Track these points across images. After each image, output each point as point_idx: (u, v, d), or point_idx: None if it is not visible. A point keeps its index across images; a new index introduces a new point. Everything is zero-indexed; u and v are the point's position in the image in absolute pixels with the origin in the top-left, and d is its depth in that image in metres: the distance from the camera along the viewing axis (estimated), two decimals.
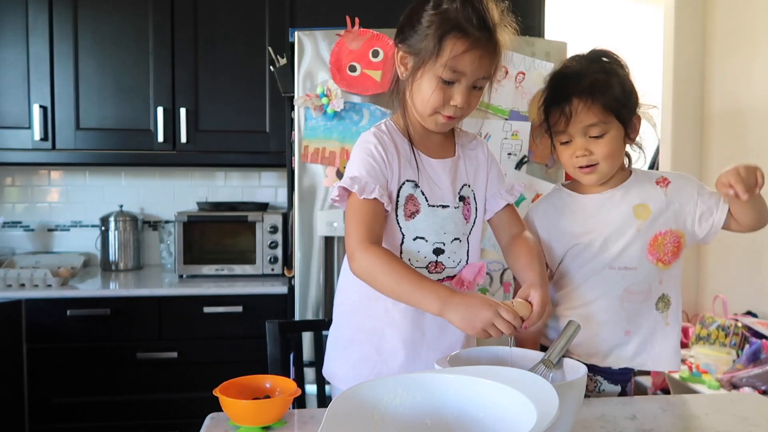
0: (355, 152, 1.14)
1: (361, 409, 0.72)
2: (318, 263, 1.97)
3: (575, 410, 0.87)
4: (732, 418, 1.05)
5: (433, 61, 1.04)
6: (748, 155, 2.70)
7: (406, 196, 1.12)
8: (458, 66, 1.03)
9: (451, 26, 1.02)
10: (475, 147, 1.22)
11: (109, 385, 2.23)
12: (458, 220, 1.16)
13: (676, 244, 1.18)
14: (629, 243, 1.18)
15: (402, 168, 1.12)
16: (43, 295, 2.19)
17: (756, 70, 2.65)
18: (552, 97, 1.19)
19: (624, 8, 4.40)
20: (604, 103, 1.13)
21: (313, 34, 1.96)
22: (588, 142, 1.16)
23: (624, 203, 1.20)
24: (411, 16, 1.08)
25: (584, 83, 1.14)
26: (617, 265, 1.18)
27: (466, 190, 1.18)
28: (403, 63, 1.10)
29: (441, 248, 1.14)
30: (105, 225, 2.62)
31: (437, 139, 1.18)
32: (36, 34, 2.37)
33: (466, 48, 1.02)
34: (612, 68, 1.18)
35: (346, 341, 1.21)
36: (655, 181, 1.21)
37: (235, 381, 1.03)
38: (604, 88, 1.13)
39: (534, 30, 2.48)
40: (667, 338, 1.21)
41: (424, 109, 1.09)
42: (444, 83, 1.05)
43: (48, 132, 2.39)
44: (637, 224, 1.19)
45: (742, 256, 2.73)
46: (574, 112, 1.14)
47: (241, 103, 2.48)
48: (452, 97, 1.06)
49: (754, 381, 2.22)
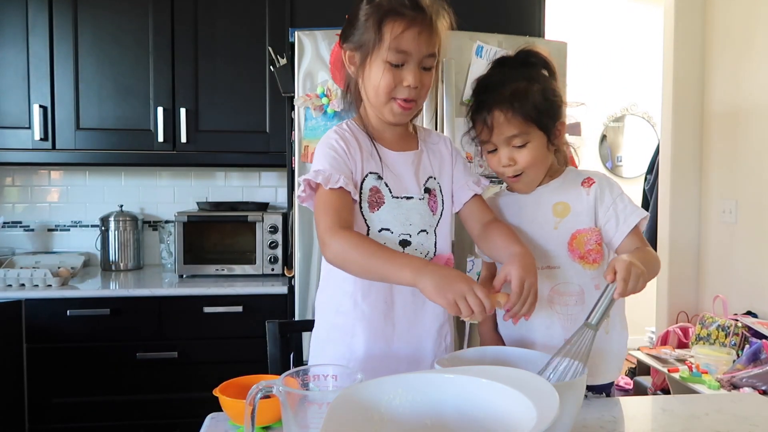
0: (317, 150, 1.15)
1: (361, 409, 0.72)
2: (318, 263, 1.97)
3: (575, 410, 0.87)
4: (732, 418, 1.05)
5: (377, 49, 1.07)
6: (747, 155, 2.71)
7: (369, 188, 1.13)
8: (401, 45, 1.06)
9: (386, 11, 1.07)
10: (437, 142, 1.24)
11: (109, 385, 2.23)
12: (424, 211, 1.16)
13: (598, 242, 1.17)
14: (547, 241, 1.18)
15: (365, 161, 1.13)
16: (43, 295, 2.19)
17: (756, 70, 2.65)
18: (475, 107, 1.20)
19: (624, 8, 4.40)
20: (524, 113, 1.13)
21: (313, 34, 1.96)
22: (511, 151, 1.16)
23: (546, 202, 1.21)
24: (350, 18, 1.14)
25: (504, 93, 1.14)
26: (541, 264, 1.17)
27: (432, 182, 1.19)
28: (352, 62, 1.14)
29: (407, 240, 1.14)
30: (105, 225, 2.62)
31: (398, 132, 1.19)
32: (36, 34, 2.37)
33: (404, 27, 1.06)
34: (536, 74, 1.18)
35: (323, 341, 1.21)
36: (581, 182, 1.21)
37: (235, 381, 1.03)
38: (523, 98, 1.13)
39: (534, 30, 2.48)
40: (606, 347, 1.18)
41: (377, 98, 1.11)
42: (392, 66, 1.07)
43: (48, 132, 2.39)
44: (554, 221, 1.19)
45: (742, 256, 2.73)
46: (496, 124, 1.15)
47: (241, 103, 2.48)
48: (404, 79, 1.08)
49: (754, 381, 2.22)
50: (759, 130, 2.63)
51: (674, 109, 3.00)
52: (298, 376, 0.86)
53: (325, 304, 1.20)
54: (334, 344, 1.18)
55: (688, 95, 2.99)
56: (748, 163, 2.68)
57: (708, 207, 2.95)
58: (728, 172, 2.81)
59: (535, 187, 1.22)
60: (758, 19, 2.63)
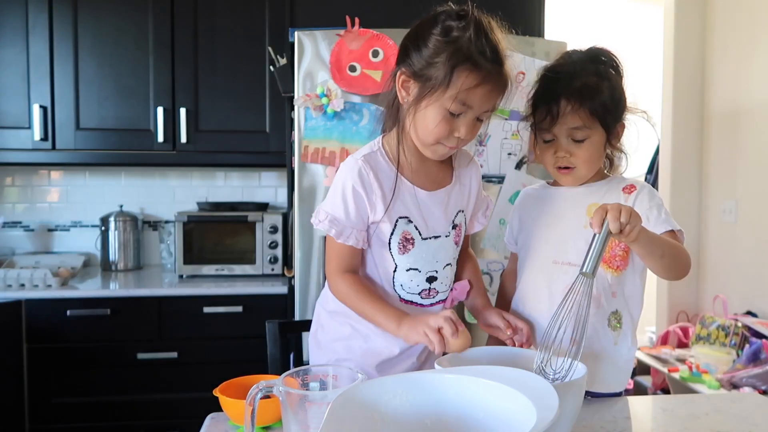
0: (338, 182, 1.11)
1: (361, 409, 0.72)
2: (318, 263, 1.97)
3: (575, 410, 0.87)
4: (732, 418, 1.05)
5: (441, 92, 0.99)
6: (747, 155, 2.71)
7: (400, 232, 1.11)
8: (468, 99, 1.00)
9: (463, 58, 0.97)
10: (470, 168, 1.20)
11: (109, 385, 2.23)
12: (449, 247, 1.16)
13: (626, 250, 1.15)
14: (573, 237, 1.16)
15: (392, 204, 1.09)
16: (43, 295, 2.19)
17: (756, 70, 2.65)
18: (541, 94, 1.17)
19: (624, 8, 4.39)
20: (592, 108, 1.11)
21: (313, 34, 1.96)
22: (570, 144, 1.15)
23: (583, 201, 1.19)
24: (417, 39, 1.03)
25: (575, 85, 1.12)
26: (561, 260, 1.16)
27: (460, 216, 1.17)
28: (405, 87, 1.05)
29: (434, 276, 1.15)
30: (105, 225, 2.62)
31: (434, 167, 1.14)
32: (36, 34, 2.37)
33: (477, 82, 0.99)
34: (606, 72, 1.16)
35: (332, 341, 1.22)
36: (623, 188, 1.19)
37: (235, 381, 1.03)
38: (593, 92, 1.12)
39: (534, 30, 2.47)
40: (614, 358, 1.16)
41: (426, 138, 1.05)
42: (450, 115, 1.02)
43: (48, 132, 2.39)
44: (585, 220, 1.16)
45: (742, 256, 2.73)
46: (561, 113, 1.12)
47: (241, 103, 2.48)
48: (457, 129, 1.03)
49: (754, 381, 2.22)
50: (759, 130, 2.63)
51: (674, 109, 3.00)
52: (298, 376, 0.86)
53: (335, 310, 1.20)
54: (346, 345, 1.18)
55: (688, 95, 2.99)
56: (748, 163, 2.68)
57: (708, 207, 2.95)
58: (728, 172, 2.81)
59: (581, 183, 1.20)
60: (758, 19, 2.63)
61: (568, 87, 1.12)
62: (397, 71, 1.06)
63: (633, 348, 1.19)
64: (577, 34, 3.56)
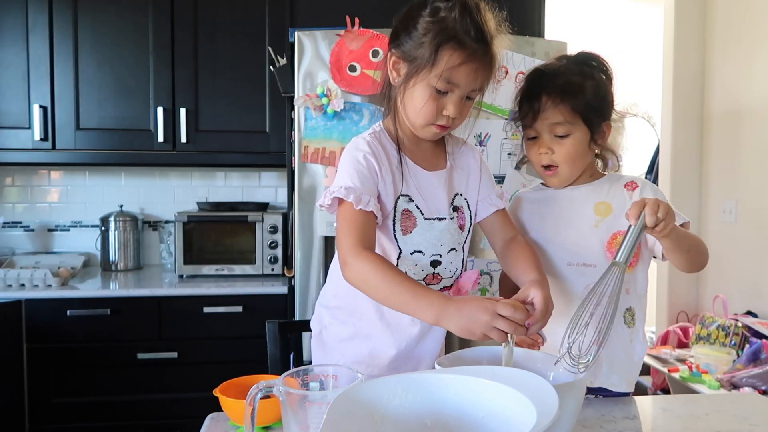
0: (347, 158, 1.10)
1: (361, 409, 0.72)
2: (318, 263, 1.97)
3: (575, 410, 0.87)
4: (732, 418, 1.05)
5: (427, 71, 1.01)
6: (747, 155, 2.71)
7: (401, 210, 1.11)
8: (453, 77, 1.02)
9: (448, 36, 1.00)
10: (466, 154, 1.21)
11: (109, 385, 2.23)
12: (454, 231, 1.15)
13: (637, 246, 1.16)
14: (587, 238, 1.17)
15: (396, 182, 1.10)
16: (43, 296, 2.19)
17: (756, 70, 2.65)
18: (524, 92, 1.19)
19: (624, 8, 4.39)
20: (573, 104, 1.13)
21: (313, 34, 1.96)
22: (552, 140, 1.15)
23: (588, 200, 1.20)
24: (407, 21, 1.05)
25: (557, 82, 1.13)
26: (576, 261, 1.17)
27: (459, 199, 1.17)
28: (396, 68, 1.08)
29: (438, 260, 1.14)
30: (105, 225, 2.62)
31: (429, 147, 1.16)
32: (36, 34, 2.37)
33: (462, 60, 1.00)
34: (591, 73, 1.17)
35: (337, 342, 1.20)
36: (624, 184, 1.19)
37: (235, 381, 1.03)
38: (575, 90, 1.13)
39: (534, 30, 2.47)
40: (630, 356, 1.17)
41: (416, 119, 1.07)
42: (437, 93, 1.03)
43: (48, 132, 2.39)
44: (595, 220, 1.17)
45: (742, 256, 2.73)
46: (542, 109, 1.14)
47: (241, 103, 2.48)
48: (445, 107, 1.05)
49: (754, 381, 2.22)
50: (759, 130, 2.63)
51: (674, 109, 3.00)
52: (298, 376, 0.86)
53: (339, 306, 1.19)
54: (353, 346, 1.17)
55: (688, 95, 2.99)
56: (748, 163, 2.68)
57: (708, 207, 2.95)
58: (728, 172, 2.81)
59: (567, 184, 1.21)
60: (758, 18, 2.63)
61: (550, 84, 1.14)
62: (388, 53, 1.10)
63: (644, 345, 1.20)
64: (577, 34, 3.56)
